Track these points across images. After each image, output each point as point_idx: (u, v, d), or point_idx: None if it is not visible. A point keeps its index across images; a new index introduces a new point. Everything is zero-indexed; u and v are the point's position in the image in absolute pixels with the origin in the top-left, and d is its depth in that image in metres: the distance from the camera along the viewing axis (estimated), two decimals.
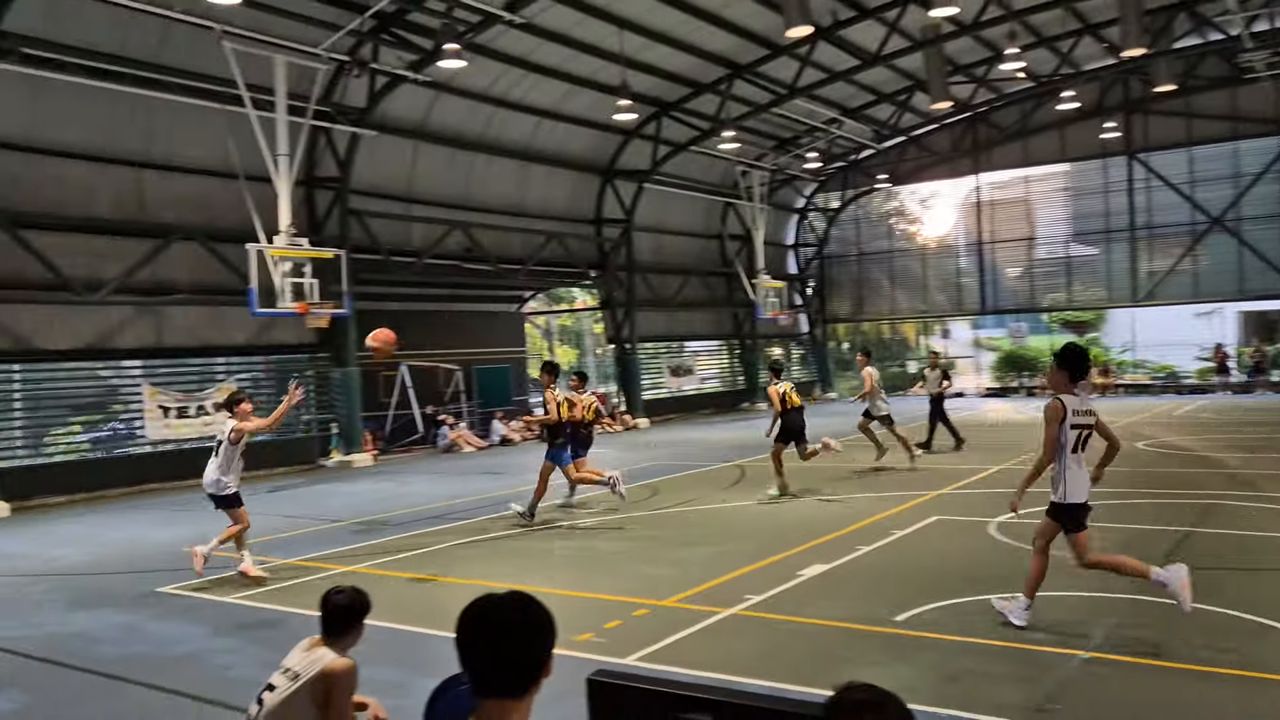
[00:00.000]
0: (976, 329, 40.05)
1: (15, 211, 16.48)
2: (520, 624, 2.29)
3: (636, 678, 3.01)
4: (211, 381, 20.18)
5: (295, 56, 17.70)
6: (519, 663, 2.27)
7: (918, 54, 25.08)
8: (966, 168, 35.48)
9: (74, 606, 9.20)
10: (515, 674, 2.27)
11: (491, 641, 2.26)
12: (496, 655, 2.26)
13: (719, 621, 7.68)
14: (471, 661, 2.29)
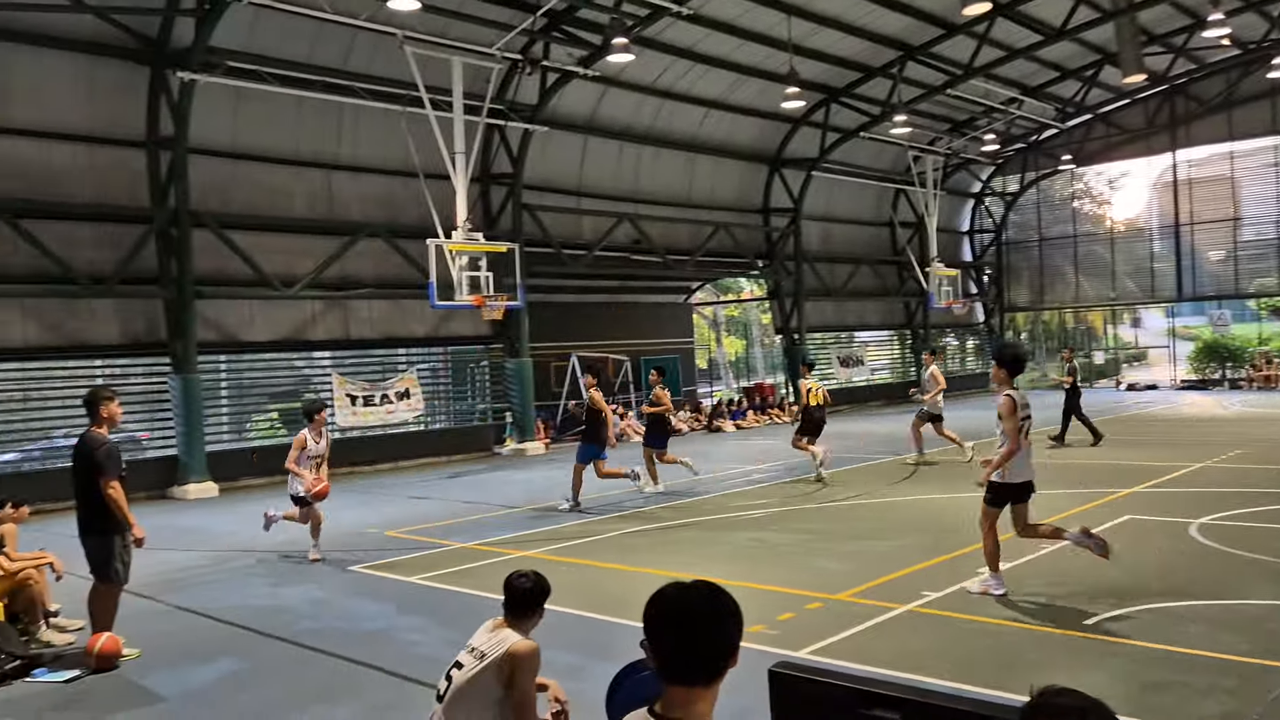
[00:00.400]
0: (1172, 317, 37.51)
1: (221, 213, 17.75)
2: (711, 612, 2.28)
3: (820, 671, 2.96)
4: (394, 372, 21.18)
5: (471, 57, 18.31)
6: (708, 651, 2.27)
7: (1108, 25, 23.68)
8: (1162, 145, 33.22)
9: (276, 582, 9.85)
10: (704, 662, 2.27)
11: (682, 629, 2.27)
12: (686, 642, 2.26)
13: (895, 618, 7.49)
14: (661, 648, 2.29)
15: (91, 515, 7.33)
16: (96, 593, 7.42)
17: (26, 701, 6.54)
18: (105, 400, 7.52)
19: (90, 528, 7.36)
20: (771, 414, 28.26)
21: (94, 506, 7.30)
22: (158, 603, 9.11)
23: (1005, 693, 5.64)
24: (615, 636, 7.20)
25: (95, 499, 7.27)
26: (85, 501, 7.35)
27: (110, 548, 7.33)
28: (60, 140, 16.27)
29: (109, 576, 7.39)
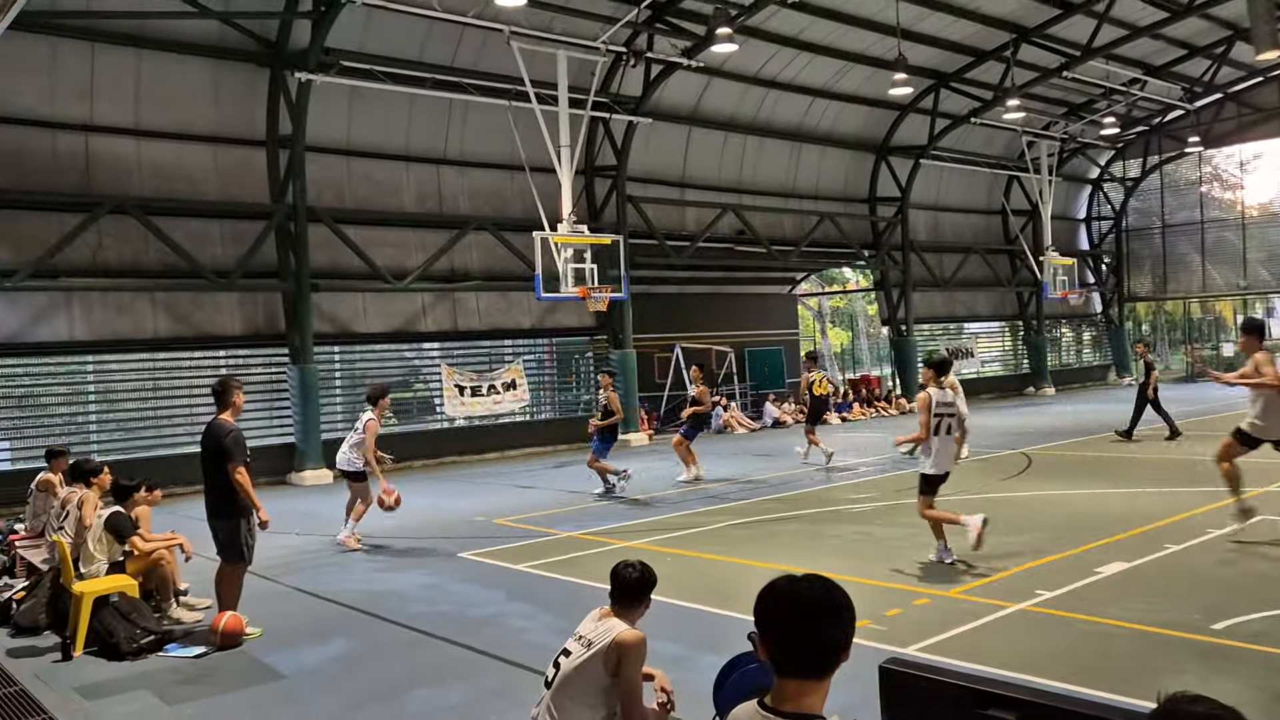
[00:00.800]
0: None
1: (336, 209, 18.33)
2: (826, 607, 2.27)
3: (932, 669, 2.90)
4: (501, 362, 21.55)
5: (576, 51, 18.46)
6: (821, 645, 2.26)
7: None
8: None
9: (390, 567, 10.14)
10: (817, 656, 2.25)
11: (795, 622, 2.26)
12: (800, 636, 2.25)
13: (1007, 616, 7.29)
14: (773, 641, 2.29)
15: (219, 499, 7.67)
16: (223, 573, 7.77)
17: (159, 675, 6.89)
18: (233, 389, 7.88)
19: (218, 511, 7.70)
20: (878, 406, 27.80)
21: (222, 491, 7.63)
22: (278, 584, 9.48)
23: (1128, 698, 5.43)
24: (720, 628, 7.19)
25: (223, 483, 7.60)
26: (213, 486, 7.69)
27: (237, 530, 7.67)
28: (190, 141, 17.06)
29: (235, 558, 7.72)
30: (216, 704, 6.29)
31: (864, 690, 2.84)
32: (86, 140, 16.03)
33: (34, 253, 15.15)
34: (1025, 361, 34.36)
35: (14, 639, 7.93)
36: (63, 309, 15.96)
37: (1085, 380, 36.23)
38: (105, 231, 16.07)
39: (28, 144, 15.50)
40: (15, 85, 15.16)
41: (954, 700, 2.67)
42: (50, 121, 15.67)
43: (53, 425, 16.21)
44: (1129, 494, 12.43)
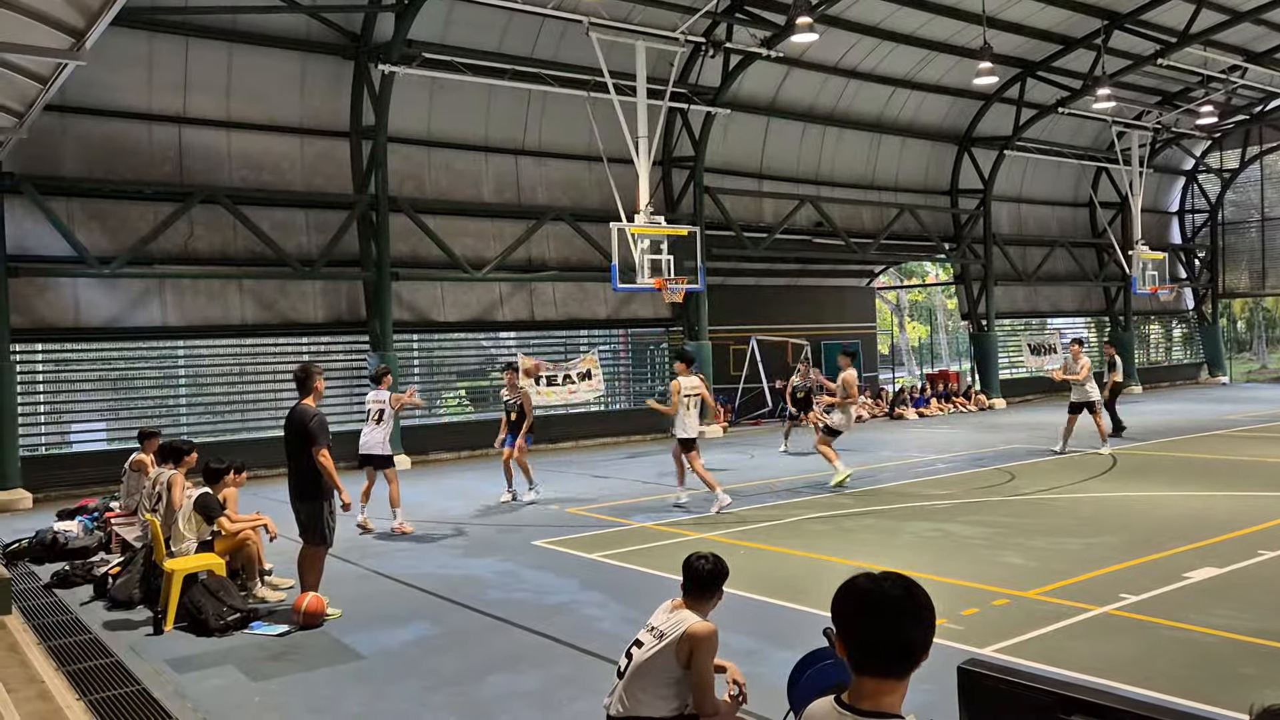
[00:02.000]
0: None
1: (416, 199, 18.64)
2: (907, 606, 2.23)
3: (1014, 671, 2.84)
4: (576, 352, 21.67)
5: (655, 41, 18.43)
6: (901, 644, 2.23)
7: None
8: None
9: (465, 553, 10.30)
10: (897, 655, 2.23)
11: (875, 620, 2.23)
12: (879, 635, 2.23)
13: (1089, 620, 7.11)
14: (852, 638, 2.26)
15: (303, 481, 7.87)
16: (305, 554, 7.97)
17: (245, 651, 7.11)
18: (315, 375, 8.07)
19: (301, 493, 7.90)
20: (956, 402, 27.30)
21: (305, 474, 7.83)
22: (358, 567, 9.70)
23: (1217, 708, 5.26)
24: (793, 623, 7.15)
25: (306, 466, 7.79)
26: (297, 469, 7.89)
27: (319, 512, 7.86)
28: (277, 133, 17.48)
29: (317, 540, 7.92)
30: (298, 681, 6.47)
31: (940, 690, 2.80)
32: (180, 132, 16.55)
33: (130, 241, 15.72)
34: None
35: (110, 612, 8.26)
36: (156, 295, 16.51)
37: (1175, 379, 35.06)
38: (196, 220, 16.58)
39: (126, 136, 16.07)
40: (115, 80, 15.70)
41: (1036, 704, 2.62)
42: (147, 114, 16.22)
43: (145, 407, 16.80)
44: (1220, 497, 12.02)
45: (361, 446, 11.88)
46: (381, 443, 11.71)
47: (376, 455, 11.73)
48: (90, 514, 11.53)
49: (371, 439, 11.76)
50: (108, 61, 15.16)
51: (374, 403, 11.91)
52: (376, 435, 11.73)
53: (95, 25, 7.52)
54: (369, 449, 11.79)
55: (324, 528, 7.90)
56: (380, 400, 11.81)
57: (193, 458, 9.03)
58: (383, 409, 11.76)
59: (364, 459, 11.91)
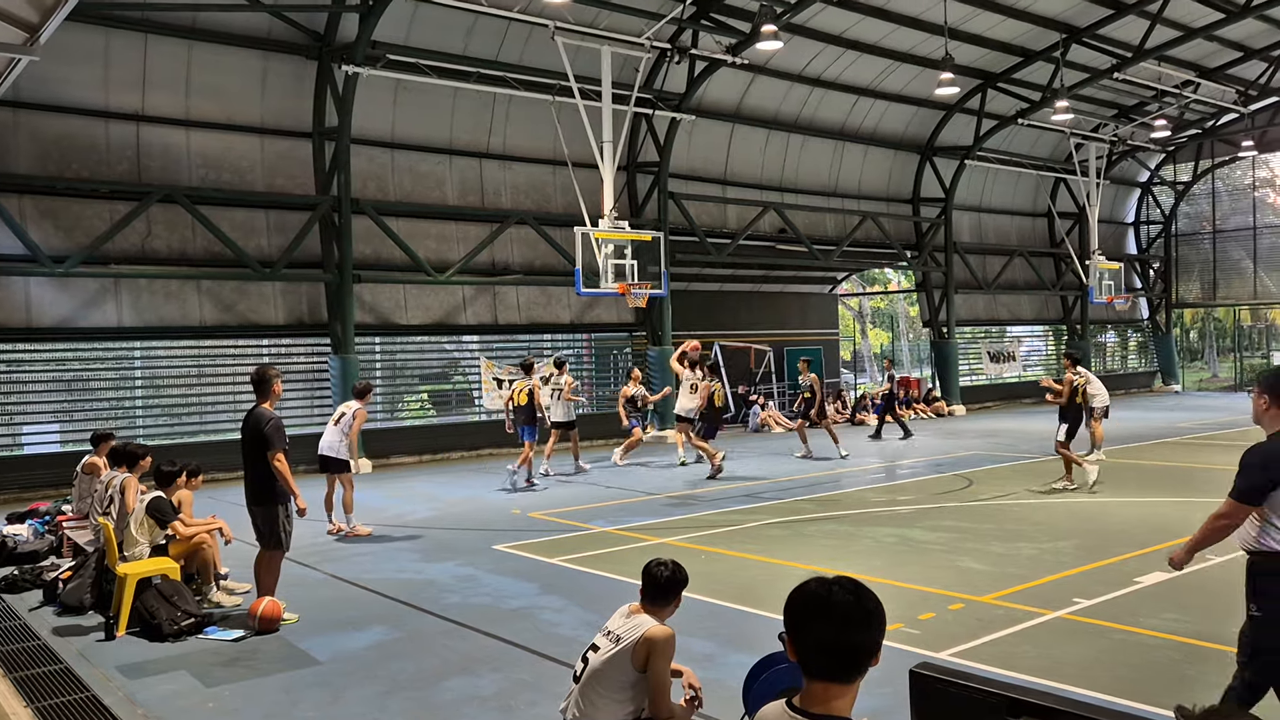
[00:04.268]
0: None
1: (379, 201, 18.52)
2: (856, 610, 2.26)
3: (964, 675, 2.88)
4: (539, 357, 21.60)
5: (620, 46, 18.46)
6: (851, 648, 2.25)
7: None
8: None
9: (425, 557, 10.24)
10: (846, 659, 2.25)
11: (825, 625, 2.26)
12: (829, 639, 2.25)
13: (1042, 624, 7.22)
14: (803, 643, 2.29)
15: (259, 486, 7.80)
16: (262, 558, 7.89)
17: (199, 656, 7.02)
18: (272, 378, 8.00)
19: (258, 497, 7.83)
20: (916, 408, 27.56)
21: (262, 478, 7.76)
22: (315, 570, 9.61)
23: (1160, 709, 5.37)
24: (751, 627, 7.19)
25: (263, 471, 7.72)
26: (253, 473, 7.82)
27: (275, 517, 7.79)
28: (238, 132, 17.28)
29: (274, 544, 7.85)
30: (253, 686, 6.40)
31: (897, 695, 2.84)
32: (138, 130, 16.32)
33: (85, 240, 15.47)
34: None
35: (60, 618, 8.12)
36: (111, 295, 16.26)
37: (1130, 387, 35.64)
38: (154, 220, 16.35)
39: (81, 133, 15.81)
40: (71, 75, 15.46)
41: (985, 707, 2.65)
42: (103, 111, 15.97)
43: (100, 409, 16.54)
44: (1172, 503, 12.24)
45: (321, 447, 11.87)
46: (337, 445, 11.71)
47: (332, 459, 11.70)
48: (41, 517, 11.32)
49: (330, 440, 11.76)
50: (63, 57, 14.93)
51: (344, 407, 11.99)
52: (333, 437, 11.73)
53: (50, 20, 7.42)
54: (326, 450, 11.78)
55: (280, 532, 7.83)
56: (351, 408, 11.84)
57: (147, 461, 8.91)
58: (343, 415, 11.79)
59: (323, 461, 11.85)
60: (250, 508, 7.90)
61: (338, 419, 11.87)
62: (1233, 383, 37.29)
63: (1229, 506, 4.68)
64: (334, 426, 11.83)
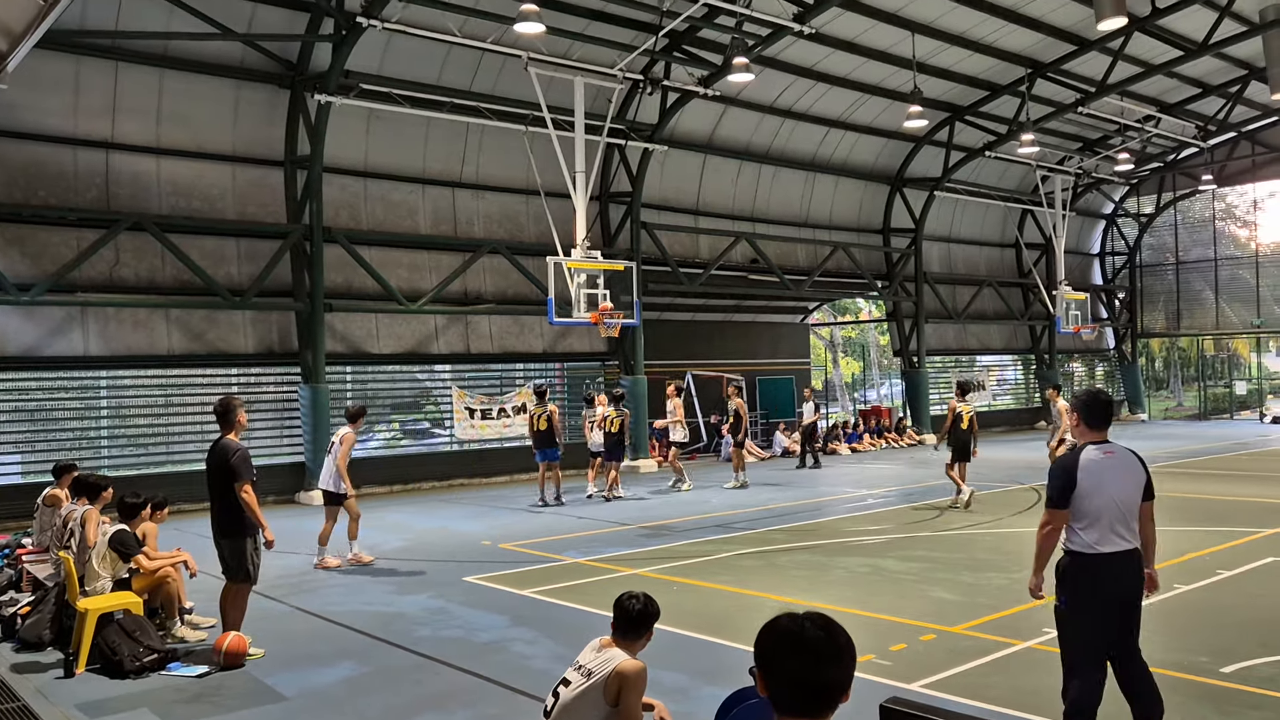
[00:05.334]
0: None
1: (351, 230, 18.46)
2: (830, 647, 2.25)
3: (934, 709, 2.88)
4: (512, 386, 21.59)
5: (593, 78, 18.60)
6: (823, 685, 2.25)
7: (1255, 39, 22.58)
8: None
9: (396, 589, 10.12)
10: (819, 695, 2.24)
11: (797, 661, 2.25)
12: (799, 675, 2.24)
13: (1013, 654, 7.24)
14: (773, 678, 2.28)
15: (227, 517, 7.68)
16: (229, 592, 7.77)
17: (162, 694, 6.88)
18: (236, 408, 7.91)
19: (225, 530, 7.71)
20: (888, 438, 27.71)
21: (229, 509, 7.65)
22: (283, 604, 9.47)
23: None
24: (723, 659, 7.15)
25: (230, 502, 7.62)
26: (220, 504, 7.70)
27: (243, 549, 7.68)
28: (209, 160, 17.20)
29: (241, 577, 7.73)
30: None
31: None
32: (107, 157, 16.20)
33: (52, 267, 15.30)
34: (1037, 395, 34.24)
35: (18, 654, 7.94)
36: (78, 324, 16.07)
37: None
38: (123, 248, 16.20)
39: (50, 160, 15.68)
40: (40, 102, 15.35)
41: None
42: (72, 138, 15.85)
43: (64, 440, 16.28)
44: None
45: (320, 480, 11.71)
46: (328, 477, 11.42)
47: (329, 492, 11.43)
48: (0, 551, 11.10)
49: (325, 471, 11.54)
50: (32, 84, 14.84)
51: (335, 435, 11.80)
52: (327, 468, 11.47)
53: (18, 48, 7.38)
54: (322, 484, 11.57)
55: (248, 565, 7.72)
56: (339, 434, 11.63)
57: (109, 493, 8.76)
58: (333, 443, 11.56)
59: (324, 495, 11.59)
60: (217, 540, 7.78)
61: (330, 448, 11.62)
62: (1197, 411, 37.79)
63: (1045, 514, 5.33)
64: (329, 457, 11.55)
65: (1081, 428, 5.40)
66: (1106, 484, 5.15)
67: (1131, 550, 5.19)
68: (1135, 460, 5.33)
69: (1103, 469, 5.18)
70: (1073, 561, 5.21)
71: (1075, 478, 5.18)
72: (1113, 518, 5.13)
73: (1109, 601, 5.16)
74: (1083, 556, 5.16)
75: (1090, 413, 5.37)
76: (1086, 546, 5.15)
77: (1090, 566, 5.13)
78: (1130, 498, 5.21)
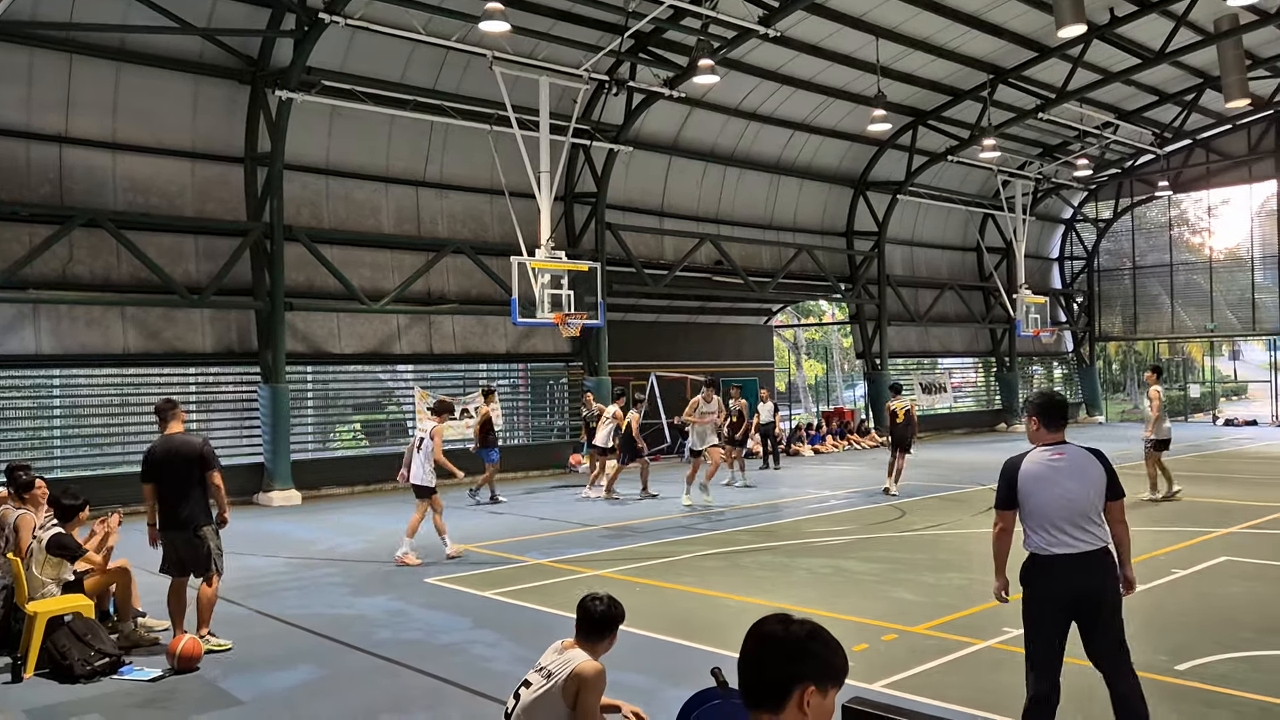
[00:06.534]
0: (1274, 350, 36.05)
1: (313, 228, 18.25)
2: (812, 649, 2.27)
3: (897, 710, 2.87)
4: (475, 386, 21.44)
5: (558, 78, 18.54)
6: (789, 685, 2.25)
7: (1210, 49, 22.99)
8: (1266, 172, 32.03)
9: (356, 591, 10.01)
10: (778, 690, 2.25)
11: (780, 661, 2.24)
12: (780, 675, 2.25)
13: (974, 653, 7.28)
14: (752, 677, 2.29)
15: (196, 510, 7.69)
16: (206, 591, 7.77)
17: (113, 698, 6.74)
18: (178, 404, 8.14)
19: (196, 523, 7.70)
20: (851, 439, 27.86)
21: (200, 502, 7.70)
22: (240, 606, 9.33)
23: None
24: (687, 661, 7.13)
25: (199, 493, 7.67)
26: (192, 497, 7.69)
27: (216, 538, 7.81)
28: (167, 156, 16.92)
29: (215, 568, 7.79)
30: None
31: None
32: (61, 151, 15.89)
33: (2, 264, 14.96)
34: (998, 398, 34.62)
35: None
36: (30, 321, 15.74)
37: None
38: (77, 244, 15.89)
39: (1, 154, 15.34)
40: None
41: None
42: (24, 132, 15.52)
43: (15, 440, 15.94)
44: None
45: (411, 478, 11.74)
46: (421, 473, 11.51)
47: (420, 487, 11.56)
48: None
49: (416, 469, 11.61)
50: None
51: (421, 431, 11.93)
52: (418, 465, 11.58)
53: None
54: (415, 480, 11.64)
55: (218, 557, 7.82)
56: (426, 429, 11.71)
57: (41, 490, 8.48)
58: (422, 439, 11.62)
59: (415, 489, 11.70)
60: (186, 537, 7.69)
61: (418, 445, 11.63)
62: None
63: (996, 515, 5.45)
64: (418, 454, 11.60)
65: (1039, 429, 5.42)
66: (1051, 486, 5.17)
67: (1088, 552, 5.15)
68: (1092, 460, 5.27)
69: (1047, 471, 5.21)
70: (1029, 561, 5.31)
71: (1015, 480, 5.27)
72: (1059, 519, 5.14)
73: (1059, 600, 5.20)
74: (1036, 558, 5.25)
75: (1045, 414, 5.39)
76: (1038, 548, 5.22)
77: (1044, 566, 5.21)
78: (1081, 499, 5.16)
